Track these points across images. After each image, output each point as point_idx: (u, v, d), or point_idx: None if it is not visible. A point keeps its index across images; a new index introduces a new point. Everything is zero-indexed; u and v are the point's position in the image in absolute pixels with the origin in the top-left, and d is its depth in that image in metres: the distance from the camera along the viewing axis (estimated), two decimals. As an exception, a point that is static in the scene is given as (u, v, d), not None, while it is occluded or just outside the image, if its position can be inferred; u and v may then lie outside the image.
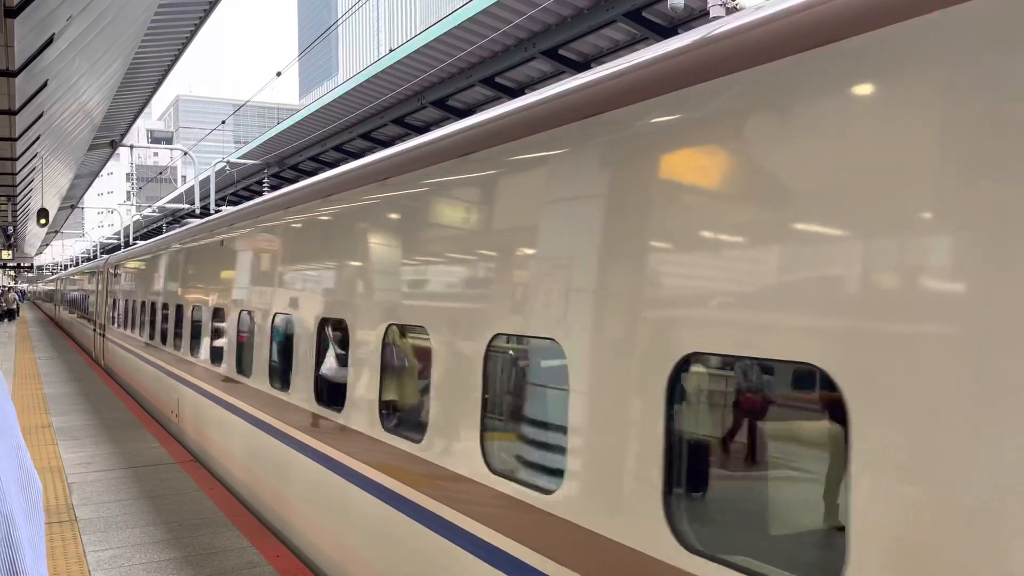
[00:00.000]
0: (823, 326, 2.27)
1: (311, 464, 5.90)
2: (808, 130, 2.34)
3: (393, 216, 4.98)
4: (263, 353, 7.28)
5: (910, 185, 2.05)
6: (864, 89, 2.21)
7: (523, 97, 4.13)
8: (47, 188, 27.27)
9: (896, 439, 2.05)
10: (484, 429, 3.84)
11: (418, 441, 4.38)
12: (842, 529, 2.20)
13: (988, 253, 1.88)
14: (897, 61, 2.13)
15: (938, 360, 1.97)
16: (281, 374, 6.86)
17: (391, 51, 18.24)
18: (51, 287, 63.98)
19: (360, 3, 17.82)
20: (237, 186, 35.94)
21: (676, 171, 2.87)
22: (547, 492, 3.34)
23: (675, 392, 2.77)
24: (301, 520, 6.23)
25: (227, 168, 31.62)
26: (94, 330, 23.82)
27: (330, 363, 5.84)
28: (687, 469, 2.79)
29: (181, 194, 41.81)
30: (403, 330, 4.86)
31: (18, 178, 20.01)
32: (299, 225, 6.81)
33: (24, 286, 66.96)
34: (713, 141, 2.69)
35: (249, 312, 7.91)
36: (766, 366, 2.56)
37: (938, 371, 1.98)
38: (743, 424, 2.79)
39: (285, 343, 6.82)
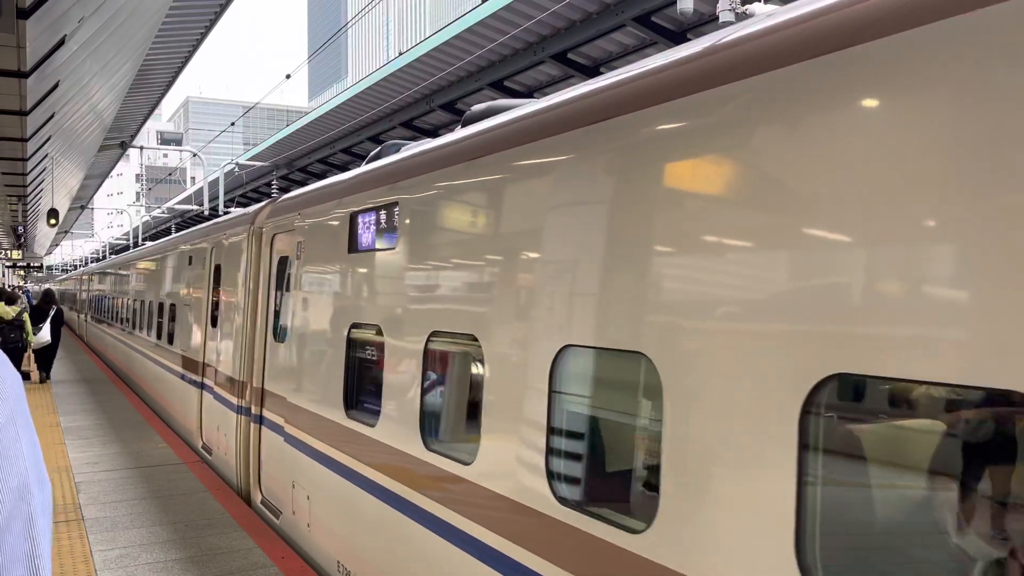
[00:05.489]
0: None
1: None
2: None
3: None
4: None
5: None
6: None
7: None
8: (57, 189, 27.39)
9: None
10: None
11: None
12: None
13: None
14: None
15: None
16: None
17: (400, 54, 18.29)
18: (71, 286, 43.47)
19: (370, 6, 17.87)
20: (246, 187, 36.09)
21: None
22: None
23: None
24: None
25: (236, 170, 31.77)
26: (202, 386, 10.07)
27: None
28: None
29: (190, 195, 42.03)
30: None
31: (29, 178, 20.06)
32: None
33: (32, 286, 67.40)
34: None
35: None
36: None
37: None
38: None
39: None
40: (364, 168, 6.04)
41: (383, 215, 5.22)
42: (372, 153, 6.70)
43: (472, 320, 4.02)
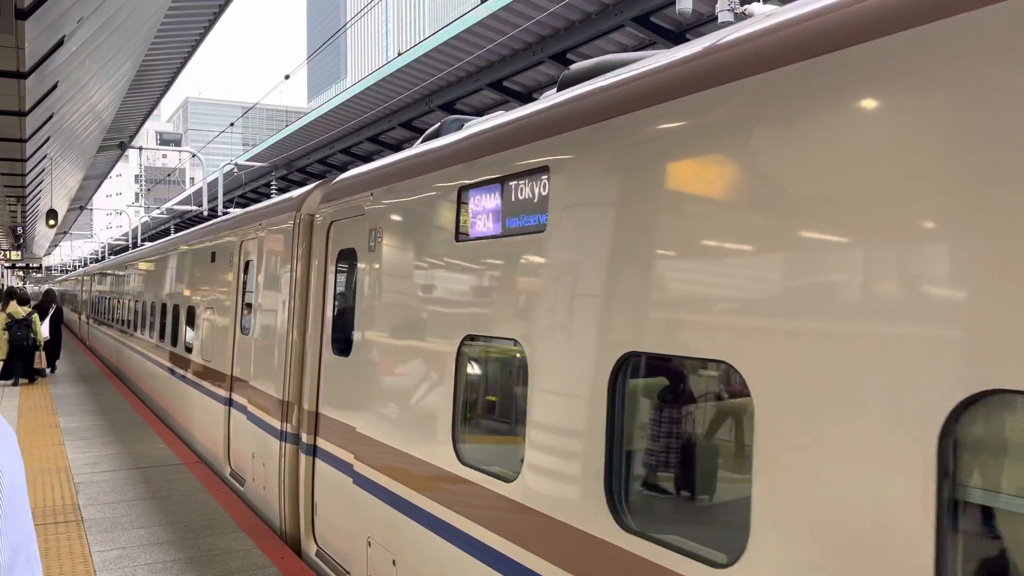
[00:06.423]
0: None
1: None
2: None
3: None
4: None
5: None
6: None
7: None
8: (56, 189, 27.39)
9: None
10: None
11: None
12: None
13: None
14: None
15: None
16: None
17: (399, 55, 18.30)
18: (72, 286, 41.49)
19: (370, 6, 17.88)
20: (245, 188, 36.10)
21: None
22: None
23: None
24: None
25: (235, 170, 31.80)
26: (230, 403, 8.65)
27: None
28: None
29: (189, 196, 42.06)
30: None
31: (28, 179, 20.05)
32: None
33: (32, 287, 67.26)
34: None
35: None
36: None
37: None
38: None
39: None
40: (481, 125, 4.38)
41: (521, 187, 3.64)
42: (429, 131, 5.53)
43: (726, 339, 2.56)
